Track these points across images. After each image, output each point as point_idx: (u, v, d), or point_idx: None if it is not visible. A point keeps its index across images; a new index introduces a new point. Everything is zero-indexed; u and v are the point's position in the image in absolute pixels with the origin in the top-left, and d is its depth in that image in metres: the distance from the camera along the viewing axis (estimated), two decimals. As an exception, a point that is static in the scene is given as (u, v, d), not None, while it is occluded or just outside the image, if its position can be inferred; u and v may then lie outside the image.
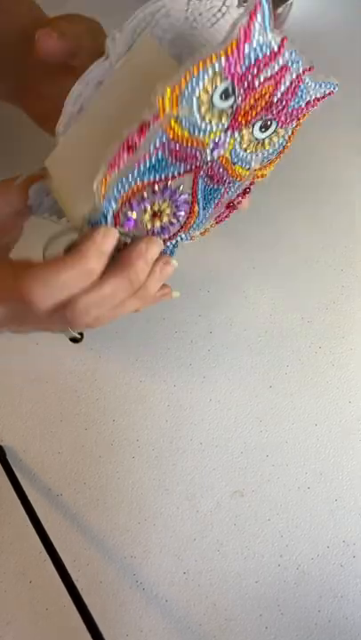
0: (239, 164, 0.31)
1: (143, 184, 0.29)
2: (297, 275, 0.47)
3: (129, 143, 0.27)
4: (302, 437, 0.41)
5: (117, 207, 0.29)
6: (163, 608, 0.36)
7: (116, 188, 0.28)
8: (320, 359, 0.44)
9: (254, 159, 0.31)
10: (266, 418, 0.42)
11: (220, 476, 0.40)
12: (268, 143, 0.31)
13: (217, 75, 0.26)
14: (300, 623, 0.36)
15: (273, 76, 0.27)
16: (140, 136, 0.27)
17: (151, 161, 0.28)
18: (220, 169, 0.30)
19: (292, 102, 0.29)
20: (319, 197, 0.51)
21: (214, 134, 0.28)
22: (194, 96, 0.26)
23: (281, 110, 0.29)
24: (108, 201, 0.28)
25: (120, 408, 0.42)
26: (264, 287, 0.47)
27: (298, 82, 0.29)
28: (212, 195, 0.32)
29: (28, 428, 0.41)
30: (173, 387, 0.43)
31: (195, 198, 0.31)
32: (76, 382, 0.42)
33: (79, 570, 0.37)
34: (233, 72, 0.26)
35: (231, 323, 0.45)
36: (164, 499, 0.39)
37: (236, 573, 0.37)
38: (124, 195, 0.29)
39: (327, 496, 0.40)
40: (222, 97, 0.27)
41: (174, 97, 0.26)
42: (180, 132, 0.27)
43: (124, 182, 0.28)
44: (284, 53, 0.27)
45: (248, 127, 0.29)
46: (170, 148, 0.28)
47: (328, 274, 0.47)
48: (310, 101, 0.30)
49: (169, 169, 0.29)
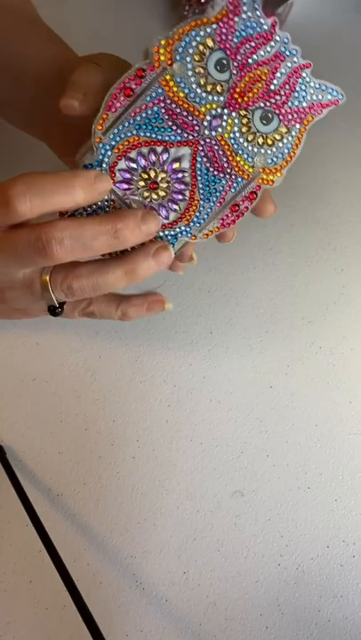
0: (241, 154, 0.31)
1: (140, 139, 0.30)
2: (297, 275, 0.47)
3: (125, 86, 0.29)
4: (303, 437, 0.41)
5: (114, 159, 0.30)
6: (163, 608, 0.36)
7: (113, 135, 0.30)
8: (320, 359, 0.44)
9: (258, 154, 0.31)
10: (266, 418, 0.42)
11: (220, 475, 0.40)
12: (271, 140, 0.31)
13: (209, 38, 0.28)
14: (300, 623, 0.36)
15: (268, 61, 0.29)
16: (136, 81, 0.29)
17: (148, 115, 0.30)
18: (220, 152, 0.31)
19: (291, 97, 0.30)
20: (319, 197, 0.51)
21: (211, 106, 0.30)
22: (187, 53, 0.29)
23: (281, 104, 0.30)
24: (105, 146, 0.30)
25: (120, 408, 0.42)
26: (264, 287, 0.47)
27: (296, 76, 0.30)
28: (214, 185, 0.32)
29: (28, 427, 0.41)
30: (173, 387, 0.43)
31: (194, 180, 0.32)
32: (76, 382, 0.42)
33: (79, 570, 0.37)
34: (226, 42, 0.28)
35: (231, 323, 0.45)
36: (164, 499, 0.39)
37: (236, 573, 0.37)
38: (121, 145, 0.30)
39: (327, 496, 0.40)
40: (217, 67, 0.29)
41: (168, 49, 0.28)
42: (177, 92, 0.29)
43: (120, 129, 0.30)
44: (276, 38, 0.29)
45: (248, 112, 0.30)
46: (167, 107, 0.30)
47: (328, 274, 0.47)
48: (314, 105, 0.31)
49: (167, 133, 0.30)
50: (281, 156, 0.32)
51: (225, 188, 0.32)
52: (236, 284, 0.47)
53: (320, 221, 0.49)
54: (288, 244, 0.49)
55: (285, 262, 0.48)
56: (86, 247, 0.29)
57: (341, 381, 0.43)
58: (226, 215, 0.33)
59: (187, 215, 0.33)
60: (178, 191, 0.32)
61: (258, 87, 0.30)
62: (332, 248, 0.48)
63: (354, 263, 0.48)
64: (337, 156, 0.53)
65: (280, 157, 0.32)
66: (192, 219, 0.33)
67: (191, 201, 0.32)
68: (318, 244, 0.49)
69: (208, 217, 0.33)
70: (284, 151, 0.32)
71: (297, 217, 0.50)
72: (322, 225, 0.49)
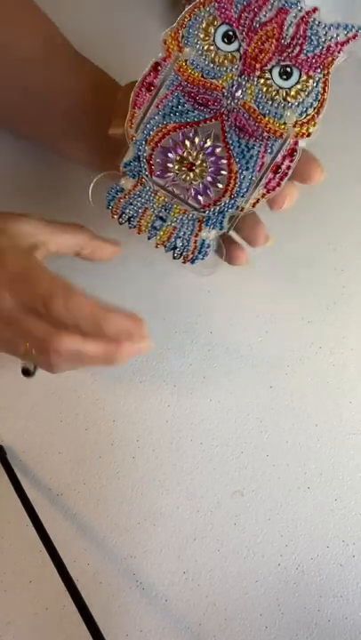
0: (268, 114, 0.31)
1: (168, 127, 0.32)
2: (297, 275, 0.47)
3: (145, 81, 0.31)
4: (302, 437, 0.41)
5: (149, 151, 0.32)
6: (163, 608, 0.36)
7: (144, 130, 0.32)
8: (320, 359, 0.44)
9: (286, 111, 0.31)
10: (266, 418, 0.42)
11: (220, 475, 0.40)
12: (295, 92, 0.31)
13: (212, 17, 0.30)
14: (300, 623, 0.36)
15: (272, 19, 0.30)
16: (154, 74, 0.31)
17: (171, 102, 0.31)
18: (248, 119, 0.31)
19: (306, 46, 0.30)
20: (319, 197, 0.51)
21: (228, 77, 0.31)
22: (194, 36, 0.30)
23: (297, 55, 0.30)
24: (139, 142, 0.32)
25: (120, 408, 0.42)
26: (264, 287, 0.47)
27: (304, 24, 0.30)
28: (249, 152, 0.32)
29: (27, 427, 0.41)
30: (173, 387, 0.43)
31: (228, 151, 0.32)
32: (76, 382, 0.42)
33: (79, 570, 0.37)
34: (227, 15, 0.30)
35: (231, 323, 0.45)
36: (164, 499, 0.39)
37: (236, 573, 0.37)
38: (153, 137, 0.32)
39: (327, 496, 0.40)
40: (225, 40, 0.30)
41: (176, 38, 0.30)
42: (192, 73, 0.31)
43: (151, 124, 0.32)
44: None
45: (265, 72, 0.31)
46: (186, 89, 0.31)
47: (328, 274, 0.47)
48: (331, 46, 0.30)
49: (192, 113, 0.32)
50: (311, 105, 0.31)
51: (261, 152, 0.32)
52: (236, 284, 0.47)
53: (320, 221, 0.49)
54: (288, 244, 0.49)
55: (285, 262, 0.48)
56: (77, 363, 0.33)
57: (341, 381, 0.43)
58: (269, 179, 0.32)
59: (229, 188, 0.33)
60: (215, 167, 0.32)
61: (269, 45, 0.30)
62: (333, 248, 0.48)
63: (354, 263, 0.48)
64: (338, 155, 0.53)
65: (310, 107, 0.31)
66: (234, 190, 0.33)
67: (230, 173, 0.32)
68: (318, 244, 0.49)
69: (251, 185, 0.33)
70: (313, 100, 0.31)
71: (297, 217, 0.50)
72: (322, 225, 0.49)
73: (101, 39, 0.51)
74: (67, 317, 0.31)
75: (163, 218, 0.34)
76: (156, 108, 0.31)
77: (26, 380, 0.42)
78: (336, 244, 0.49)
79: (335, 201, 0.51)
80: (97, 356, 0.32)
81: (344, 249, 0.48)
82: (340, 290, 0.46)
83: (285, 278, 0.47)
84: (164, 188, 0.33)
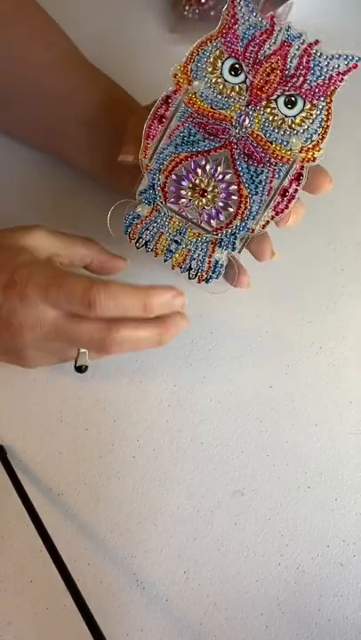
0: (275, 141, 0.33)
1: (180, 156, 0.34)
2: (297, 275, 0.47)
3: (157, 113, 0.33)
4: (302, 437, 0.41)
5: (163, 179, 0.34)
6: (163, 607, 0.36)
7: (157, 160, 0.34)
8: (320, 359, 0.44)
9: (292, 138, 0.33)
10: (266, 418, 0.42)
11: (221, 475, 0.40)
12: (300, 120, 0.33)
13: (218, 51, 0.32)
14: (301, 622, 0.36)
15: (277, 52, 0.31)
16: (165, 107, 0.33)
17: (182, 132, 0.33)
18: (256, 146, 0.33)
19: (309, 77, 0.32)
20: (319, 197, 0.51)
21: (236, 107, 0.33)
22: (203, 70, 0.32)
23: (301, 85, 0.32)
24: (153, 172, 0.34)
25: (120, 408, 0.42)
26: (264, 287, 0.47)
27: (307, 55, 0.31)
28: (258, 177, 0.34)
29: (28, 427, 0.41)
30: (173, 387, 0.43)
31: (238, 178, 0.34)
32: (76, 382, 0.42)
33: (79, 570, 0.37)
34: (233, 50, 0.32)
35: (231, 323, 0.45)
36: (165, 498, 0.39)
37: (236, 573, 0.37)
38: (166, 166, 0.34)
39: (327, 496, 0.40)
40: (232, 72, 0.32)
41: (186, 72, 0.32)
42: (202, 105, 0.33)
43: (164, 154, 0.34)
44: (278, 29, 0.31)
45: (271, 102, 0.32)
46: (196, 120, 0.33)
47: (328, 274, 0.47)
48: (333, 75, 0.32)
49: (203, 143, 0.34)
50: (315, 131, 0.33)
51: (269, 177, 0.34)
52: (236, 283, 0.47)
53: (320, 221, 0.49)
54: (288, 244, 0.49)
55: (286, 262, 0.48)
56: (134, 349, 0.34)
57: (341, 381, 0.43)
58: (277, 202, 0.34)
59: (240, 212, 0.35)
60: (226, 192, 0.35)
61: (274, 77, 0.32)
62: (332, 248, 0.48)
63: (354, 263, 0.48)
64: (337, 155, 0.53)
65: (314, 134, 0.33)
66: (245, 214, 0.35)
67: (240, 197, 0.34)
68: (318, 244, 0.49)
69: (260, 208, 0.35)
70: (317, 127, 0.33)
71: (297, 217, 0.50)
72: (322, 225, 0.49)
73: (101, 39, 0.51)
74: (114, 310, 0.31)
75: (177, 241, 0.36)
76: (168, 138, 0.33)
77: (26, 379, 0.42)
78: (336, 244, 0.49)
79: (335, 201, 0.51)
80: (151, 337, 0.34)
81: (344, 249, 0.48)
82: (340, 290, 0.47)
83: (285, 278, 0.47)
84: (179, 214, 0.35)
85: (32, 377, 0.43)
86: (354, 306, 0.46)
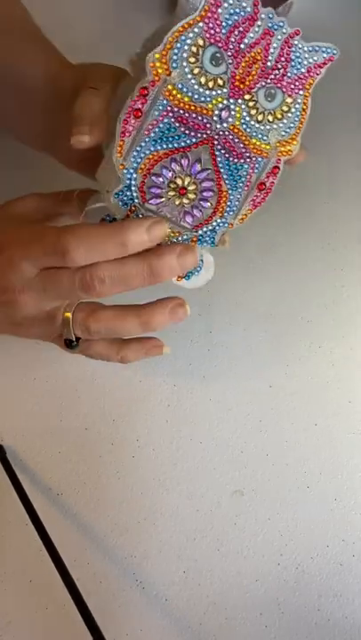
0: (255, 135, 0.32)
1: (159, 154, 0.31)
2: (297, 275, 0.47)
3: (133, 108, 0.29)
4: (302, 437, 0.41)
5: (140, 179, 0.31)
6: (163, 607, 0.36)
7: (133, 157, 0.31)
8: (320, 359, 0.44)
9: (270, 132, 0.32)
10: (266, 418, 0.42)
11: (220, 475, 0.40)
12: (279, 114, 0.32)
13: (199, 38, 0.28)
14: (300, 622, 0.36)
15: (258, 41, 0.29)
16: (142, 101, 0.29)
17: (160, 128, 0.30)
18: (235, 140, 0.32)
19: (289, 69, 0.31)
20: (318, 197, 0.51)
21: (217, 101, 0.30)
22: (182, 59, 0.29)
23: (281, 77, 0.31)
24: (128, 171, 0.31)
25: (120, 408, 0.42)
26: (264, 287, 0.47)
27: (288, 46, 0.30)
28: (238, 172, 0.33)
29: (27, 427, 0.41)
30: (173, 387, 0.43)
31: (218, 174, 0.32)
32: (76, 382, 0.42)
33: (79, 569, 0.37)
34: (215, 36, 0.29)
35: (231, 322, 0.45)
36: (165, 498, 0.39)
37: (236, 572, 0.37)
38: (143, 164, 0.31)
39: (327, 495, 0.40)
40: (213, 62, 0.29)
41: (164, 61, 0.28)
42: (181, 98, 0.30)
43: (139, 150, 0.30)
44: (261, 16, 0.29)
45: (251, 95, 0.31)
46: (176, 115, 0.30)
47: (328, 274, 0.47)
48: (311, 68, 0.31)
49: (181, 139, 0.31)
50: (293, 125, 0.32)
51: (248, 171, 0.33)
52: (237, 283, 0.47)
53: (320, 221, 0.50)
54: (288, 244, 0.49)
55: (285, 262, 0.48)
56: (125, 285, 0.32)
57: (341, 381, 0.43)
58: (255, 195, 0.34)
59: (219, 208, 0.33)
60: (206, 189, 0.33)
61: (255, 68, 0.30)
62: (332, 248, 0.48)
63: (354, 263, 0.48)
64: (337, 155, 0.53)
65: (292, 127, 0.32)
66: (225, 209, 0.33)
67: (220, 194, 0.33)
68: (318, 243, 0.49)
69: (239, 203, 0.34)
70: (295, 120, 0.32)
71: (297, 217, 0.50)
72: (322, 225, 0.49)
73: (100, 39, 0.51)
74: (88, 254, 0.30)
75: None
76: (144, 134, 0.30)
77: (26, 379, 0.42)
78: (336, 244, 0.49)
79: (335, 201, 0.51)
80: (139, 268, 0.31)
81: (344, 249, 0.48)
82: (340, 290, 0.47)
83: (285, 278, 0.47)
84: (157, 214, 0.33)
85: (32, 377, 0.43)
86: (354, 306, 0.46)
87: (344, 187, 0.51)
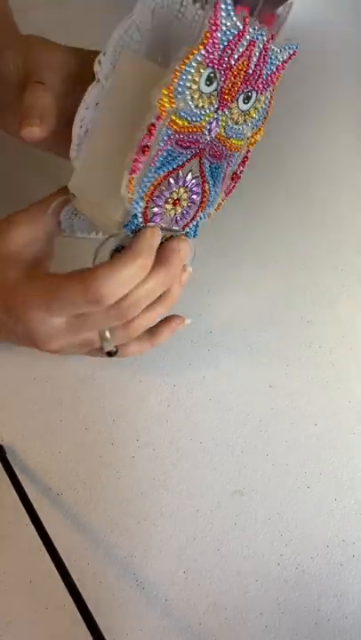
0: (234, 137, 0.33)
1: (160, 178, 0.32)
2: (297, 275, 0.47)
3: (142, 145, 0.30)
4: (302, 437, 0.41)
5: (144, 205, 0.32)
6: (163, 607, 0.36)
7: (140, 189, 0.31)
8: (320, 359, 0.44)
9: (245, 129, 0.33)
10: (266, 418, 0.42)
11: (221, 475, 0.40)
12: (253, 112, 0.33)
13: (200, 65, 0.29)
14: (300, 622, 0.36)
15: (243, 53, 0.30)
16: (149, 137, 0.30)
17: (163, 155, 0.31)
18: (219, 146, 0.33)
19: (264, 70, 0.32)
20: (318, 197, 0.51)
21: (208, 117, 0.31)
22: (185, 89, 0.29)
23: (257, 80, 0.32)
24: (136, 202, 0.31)
25: (120, 408, 0.42)
26: (264, 287, 0.47)
27: (265, 51, 0.31)
28: (218, 171, 0.34)
29: (28, 427, 0.41)
30: (173, 387, 0.43)
31: (204, 178, 0.34)
32: (76, 382, 0.42)
33: (79, 569, 0.37)
34: (212, 59, 0.29)
35: (231, 323, 0.45)
36: (164, 498, 0.39)
37: (236, 572, 0.37)
38: (147, 193, 0.32)
39: (327, 496, 0.40)
40: (207, 83, 0.30)
41: (170, 95, 0.29)
42: (181, 124, 0.30)
43: (145, 182, 0.31)
44: (248, 30, 0.29)
45: (234, 102, 0.32)
46: (176, 139, 0.31)
47: (328, 274, 0.47)
48: (280, 65, 0.32)
49: (179, 158, 0.32)
50: (261, 117, 0.34)
51: (225, 167, 0.34)
52: (236, 283, 0.47)
53: (320, 221, 0.50)
54: (288, 244, 0.49)
55: (285, 262, 0.48)
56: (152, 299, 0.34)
57: (341, 381, 0.43)
58: (227, 185, 0.36)
59: (202, 205, 0.35)
60: (194, 193, 0.34)
61: (239, 79, 0.31)
62: (332, 248, 0.48)
63: (354, 263, 0.48)
64: (337, 155, 0.53)
65: (260, 119, 0.34)
66: (207, 205, 0.35)
67: (203, 194, 0.34)
68: (318, 244, 0.49)
69: (217, 196, 0.35)
70: (263, 113, 0.34)
71: (297, 217, 0.50)
72: (322, 225, 0.49)
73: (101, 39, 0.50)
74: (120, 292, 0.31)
75: None
76: (150, 165, 0.31)
77: (26, 379, 0.42)
78: (336, 244, 0.49)
79: (335, 201, 0.51)
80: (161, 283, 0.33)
81: (344, 249, 0.48)
82: (340, 290, 0.47)
83: (285, 278, 0.47)
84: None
85: (32, 377, 0.43)
86: (354, 306, 0.46)
87: (345, 187, 0.51)
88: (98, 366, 0.43)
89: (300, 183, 0.51)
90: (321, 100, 0.55)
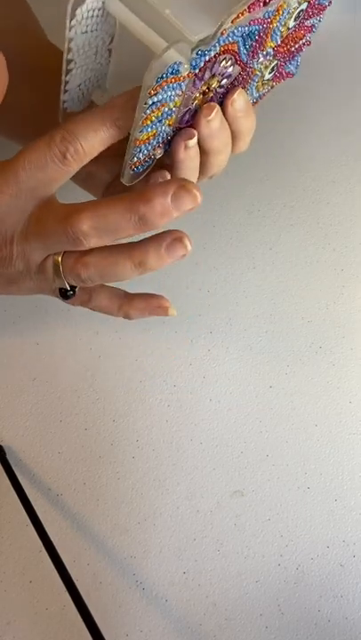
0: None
1: (235, 47, 0.28)
2: (297, 275, 0.47)
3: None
4: (302, 437, 0.41)
5: (210, 57, 0.27)
6: (163, 608, 0.36)
7: (232, 35, 0.27)
8: (320, 359, 0.44)
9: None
10: (266, 418, 0.42)
11: (220, 475, 0.40)
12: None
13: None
14: (300, 623, 0.36)
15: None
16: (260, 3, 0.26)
17: (253, 28, 0.28)
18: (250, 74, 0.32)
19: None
20: (318, 197, 0.51)
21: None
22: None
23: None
24: (218, 41, 0.27)
25: (120, 408, 0.42)
26: (264, 287, 0.47)
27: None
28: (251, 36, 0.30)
29: (28, 428, 0.41)
30: (173, 387, 0.43)
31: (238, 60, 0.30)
32: (76, 382, 0.42)
33: (79, 570, 0.37)
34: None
35: (231, 323, 0.45)
36: (164, 499, 0.39)
37: (236, 573, 0.37)
38: (223, 47, 0.27)
39: (327, 496, 0.40)
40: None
41: None
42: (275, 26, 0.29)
43: (235, 32, 0.27)
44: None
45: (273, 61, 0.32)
46: (262, 31, 0.29)
47: (328, 274, 0.47)
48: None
49: (246, 54, 0.30)
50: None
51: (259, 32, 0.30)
52: (236, 284, 0.47)
53: (320, 221, 0.49)
54: (288, 244, 0.49)
55: (285, 262, 0.48)
56: (115, 236, 0.29)
57: (341, 381, 0.43)
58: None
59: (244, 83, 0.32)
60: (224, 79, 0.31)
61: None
62: (332, 248, 0.48)
63: (354, 263, 0.48)
64: (337, 156, 0.53)
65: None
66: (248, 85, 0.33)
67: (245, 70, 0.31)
68: (318, 244, 0.49)
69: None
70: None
71: (297, 217, 0.50)
72: (322, 225, 0.49)
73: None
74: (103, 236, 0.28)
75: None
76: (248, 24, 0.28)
77: (26, 379, 0.42)
78: (336, 244, 0.49)
79: (335, 201, 0.51)
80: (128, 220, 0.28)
81: (344, 249, 0.48)
82: (340, 290, 0.46)
83: (285, 278, 0.47)
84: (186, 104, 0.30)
85: (32, 377, 0.43)
86: (354, 306, 0.46)
87: (345, 187, 0.51)
88: (98, 366, 0.43)
89: (300, 185, 0.51)
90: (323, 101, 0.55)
